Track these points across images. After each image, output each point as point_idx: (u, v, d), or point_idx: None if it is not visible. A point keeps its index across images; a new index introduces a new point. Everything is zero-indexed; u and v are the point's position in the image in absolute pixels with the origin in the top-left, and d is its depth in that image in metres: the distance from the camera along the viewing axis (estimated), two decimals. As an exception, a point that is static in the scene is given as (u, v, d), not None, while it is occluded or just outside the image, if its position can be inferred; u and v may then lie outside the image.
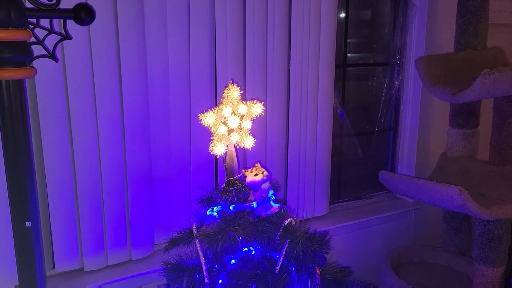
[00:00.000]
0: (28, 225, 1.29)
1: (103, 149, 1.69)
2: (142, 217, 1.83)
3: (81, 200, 1.70)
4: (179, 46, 1.76)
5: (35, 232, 1.31)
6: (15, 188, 1.26)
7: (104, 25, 1.59)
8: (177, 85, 1.80)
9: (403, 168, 2.65)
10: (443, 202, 1.90)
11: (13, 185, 1.26)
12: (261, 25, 1.90)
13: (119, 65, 1.65)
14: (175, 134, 1.84)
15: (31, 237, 1.30)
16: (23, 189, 1.27)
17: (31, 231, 1.30)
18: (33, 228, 1.30)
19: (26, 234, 1.30)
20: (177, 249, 1.51)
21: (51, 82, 1.56)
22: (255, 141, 1.50)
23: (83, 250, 1.76)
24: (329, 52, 2.11)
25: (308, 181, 2.21)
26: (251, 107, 1.50)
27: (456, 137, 2.24)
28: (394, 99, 2.56)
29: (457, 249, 2.34)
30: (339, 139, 2.50)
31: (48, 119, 1.59)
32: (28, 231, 1.29)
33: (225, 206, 1.42)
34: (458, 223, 2.30)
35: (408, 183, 2.06)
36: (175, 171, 1.88)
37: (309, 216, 2.28)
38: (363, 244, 2.49)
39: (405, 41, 2.48)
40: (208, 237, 1.32)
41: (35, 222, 1.31)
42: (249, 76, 1.93)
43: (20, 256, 1.31)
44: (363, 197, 2.62)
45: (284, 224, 1.40)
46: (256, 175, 1.40)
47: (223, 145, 1.44)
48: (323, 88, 2.14)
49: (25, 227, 1.29)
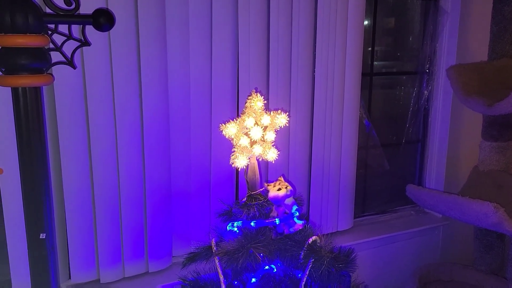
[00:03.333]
0: (43, 236, 1.27)
1: (121, 159, 1.66)
2: (160, 228, 1.80)
3: (99, 210, 1.68)
4: (200, 54, 1.73)
5: (50, 244, 1.30)
6: (30, 199, 1.25)
7: (124, 31, 1.56)
8: (198, 94, 1.77)
9: (431, 182, 2.57)
10: (476, 219, 1.82)
11: (28, 196, 1.25)
12: (285, 31, 1.85)
13: (139, 73, 1.63)
14: (195, 144, 1.80)
15: (46, 249, 1.29)
16: (38, 200, 1.26)
17: (45, 243, 1.29)
18: (47, 240, 1.29)
19: (41, 246, 1.28)
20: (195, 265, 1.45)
21: (70, 90, 1.54)
22: (278, 154, 1.43)
23: (100, 261, 1.73)
24: (356, 60, 2.06)
25: (332, 194, 2.16)
26: (275, 118, 1.44)
27: (490, 150, 2.15)
28: (423, 110, 2.50)
29: (489, 268, 2.24)
30: (365, 150, 2.44)
31: (66, 128, 1.57)
32: (42, 243, 1.28)
33: (246, 221, 1.36)
34: (490, 241, 2.21)
35: (438, 198, 1.98)
36: (194, 182, 1.84)
37: (332, 231, 2.22)
38: (389, 261, 2.41)
39: (435, 49, 2.42)
40: (228, 255, 1.25)
41: (50, 234, 1.29)
42: (272, 84, 1.89)
43: (34, 268, 1.29)
44: (388, 211, 2.56)
45: (308, 242, 1.32)
46: (279, 190, 1.33)
47: (245, 157, 1.38)
48: (349, 97, 2.09)
49: (39, 239, 1.27)
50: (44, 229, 1.26)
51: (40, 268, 1.28)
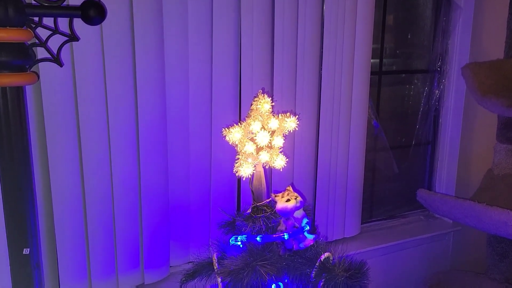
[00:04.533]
0: (26, 252, 1.19)
1: (115, 165, 1.58)
2: (157, 237, 1.72)
3: (91, 219, 1.59)
4: (200, 52, 1.65)
5: (34, 260, 1.23)
6: (12, 210, 1.17)
7: (118, 25, 1.46)
8: (198, 95, 1.69)
9: (441, 186, 2.49)
10: (494, 228, 1.74)
11: (9, 207, 1.17)
12: (291, 28, 1.77)
13: (134, 72, 1.54)
14: (195, 148, 1.72)
15: (30, 265, 1.22)
16: (21, 212, 1.18)
17: (29, 259, 1.21)
18: (32, 255, 1.21)
19: (24, 263, 1.20)
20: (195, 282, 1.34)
21: (59, 90, 1.44)
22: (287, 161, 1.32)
23: (92, 274, 1.64)
24: (364, 58, 1.99)
25: (338, 199, 2.08)
26: (283, 122, 1.32)
27: (505, 153, 2.07)
28: (434, 110, 2.41)
29: (503, 277, 2.16)
30: (373, 153, 2.36)
31: (55, 132, 1.47)
32: (26, 259, 1.20)
33: (251, 236, 1.25)
34: (505, 248, 2.12)
35: (452, 204, 1.89)
36: (193, 189, 1.76)
37: (338, 238, 2.15)
38: (398, 268, 2.34)
39: (447, 46, 2.33)
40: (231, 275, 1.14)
41: (34, 249, 1.21)
42: (277, 84, 1.81)
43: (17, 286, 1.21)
44: (397, 216, 2.48)
45: (320, 260, 1.21)
46: (288, 201, 1.22)
47: (251, 165, 1.27)
48: (357, 97, 2.01)
49: (23, 255, 1.19)
50: (28, 244, 1.18)
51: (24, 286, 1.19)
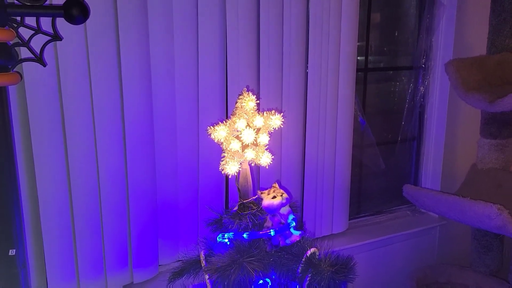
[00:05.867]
0: (12, 253, 1.19)
1: (101, 164, 1.56)
2: (145, 236, 1.71)
3: (77, 219, 1.58)
4: (186, 48, 1.64)
5: (21, 261, 1.21)
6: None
7: (102, 24, 1.45)
8: (184, 93, 1.68)
9: (427, 181, 2.51)
10: (477, 221, 1.76)
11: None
12: (276, 25, 1.77)
13: (119, 69, 1.53)
14: (182, 147, 1.71)
15: (16, 266, 1.21)
16: (6, 212, 1.18)
17: (15, 260, 1.20)
18: (17, 256, 1.20)
19: (10, 264, 1.19)
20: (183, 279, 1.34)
21: (43, 89, 1.43)
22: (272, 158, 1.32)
23: (80, 274, 1.63)
24: (350, 55, 1.99)
25: (326, 195, 2.09)
26: (268, 119, 1.33)
27: (489, 148, 2.10)
28: (419, 106, 2.43)
29: (487, 270, 2.20)
30: (360, 149, 2.37)
31: (40, 132, 1.45)
32: (12, 260, 1.19)
33: (238, 233, 1.25)
34: (489, 242, 2.16)
35: (437, 198, 1.92)
36: (181, 188, 1.75)
37: (326, 234, 2.15)
38: (385, 263, 2.36)
39: (431, 43, 2.34)
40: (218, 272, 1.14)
41: (20, 250, 1.19)
42: (263, 82, 1.80)
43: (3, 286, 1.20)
44: (384, 211, 2.49)
45: (306, 255, 1.22)
46: (274, 198, 1.23)
47: (236, 163, 1.27)
48: (343, 94, 2.01)
49: (9, 256, 1.18)
50: (14, 245, 1.17)
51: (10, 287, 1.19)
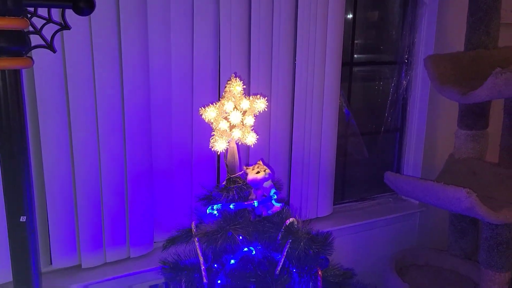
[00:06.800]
0: (23, 219, 1.27)
1: (102, 144, 1.66)
2: (142, 214, 1.80)
3: (80, 195, 1.68)
4: (182, 38, 1.73)
5: (30, 227, 1.30)
6: (10, 181, 1.25)
7: (105, 16, 1.55)
8: (180, 78, 1.76)
9: (409, 170, 2.61)
10: (450, 204, 1.86)
11: (8, 178, 1.25)
12: (266, 19, 1.86)
13: (120, 57, 1.62)
14: (177, 129, 1.81)
15: (26, 232, 1.29)
16: (18, 183, 1.25)
17: (26, 226, 1.28)
18: (28, 222, 1.28)
19: (21, 229, 1.28)
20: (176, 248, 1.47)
21: (50, 74, 1.54)
22: (257, 138, 1.45)
23: (81, 247, 1.73)
24: (336, 48, 2.07)
25: (311, 180, 2.18)
26: (254, 103, 1.46)
27: (465, 138, 2.20)
28: (402, 99, 2.52)
29: (463, 253, 2.30)
30: (344, 138, 2.46)
31: (47, 112, 1.56)
32: (23, 226, 1.28)
33: (225, 204, 1.38)
34: (464, 227, 2.26)
35: (414, 184, 2.02)
36: (176, 168, 1.85)
37: (312, 217, 2.25)
38: (367, 246, 2.45)
39: (413, 40, 2.44)
40: (207, 236, 1.28)
41: (30, 217, 1.29)
42: (254, 71, 1.89)
43: (14, 251, 1.29)
44: (367, 198, 2.59)
45: (286, 224, 1.35)
46: (258, 173, 1.36)
47: (224, 141, 1.40)
48: (329, 85, 2.10)
49: (20, 222, 1.27)
50: (24, 212, 1.26)
51: (20, 251, 1.28)
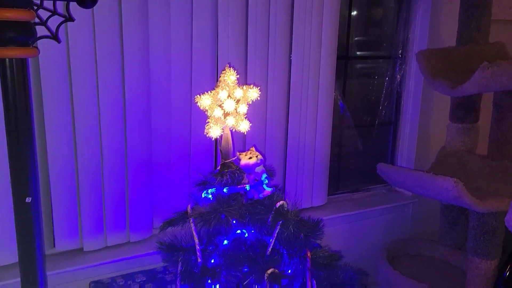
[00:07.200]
0: (28, 200, 1.32)
1: (104, 132, 1.72)
2: (141, 200, 1.85)
3: (82, 181, 1.74)
4: (181, 31, 1.78)
5: (35, 208, 1.34)
6: (16, 163, 1.29)
7: (107, 8, 1.61)
8: (179, 69, 1.82)
9: (402, 162, 2.65)
10: (438, 194, 1.90)
11: (14, 161, 1.29)
12: (263, 12, 1.90)
13: (121, 48, 1.68)
14: (176, 118, 1.86)
15: (31, 212, 1.33)
16: (24, 165, 1.29)
17: (31, 207, 1.33)
18: (33, 203, 1.33)
19: (26, 210, 1.32)
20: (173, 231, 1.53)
21: (54, 65, 1.59)
22: (251, 126, 1.52)
23: (83, 231, 1.79)
24: (331, 41, 2.11)
25: (306, 171, 2.22)
26: (247, 92, 1.52)
27: (456, 131, 2.24)
28: (396, 93, 2.56)
29: (453, 243, 2.35)
30: (339, 130, 2.50)
31: (51, 100, 1.62)
32: (28, 207, 1.32)
33: (219, 188, 1.45)
34: (455, 217, 2.31)
35: (405, 175, 2.06)
36: (175, 155, 1.90)
37: (307, 206, 2.29)
38: (360, 236, 2.50)
39: (408, 35, 2.48)
40: (201, 217, 1.35)
41: (35, 198, 1.34)
42: (250, 63, 1.94)
43: (20, 231, 1.34)
44: (361, 189, 2.63)
45: (276, 206, 1.42)
46: (250, 158, 1.42)
47: (219, 128, 1.46)
48: (324, 78, 2.14)
49: (25, 203, 1.32)
50: (30, 193, 1.31)
51: (25, 231, 1.33)
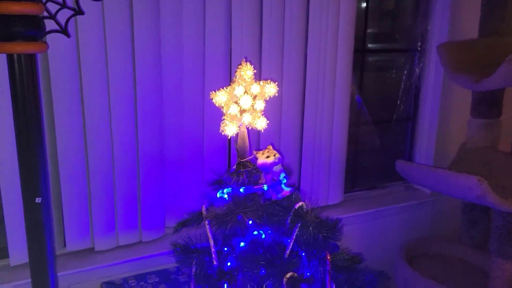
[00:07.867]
0: (39, 201, 1.29)
1: (115, 129, 1.68)
2: (153, 199, 1.83)
3: (93, 180, 1.71)
4: (193, 23, 1.74)
5: (46, 208, 1.32)
6: (26, 163, 1.27)
7: (118, 1, 1.57)
8: (191, 64, 1.78)
9: (421, 159, 2.60)
10: (461, 192, 1.85)
11: (23, 160, 1.27)
12: (278, 4, 1.86)
13: (132, 42, 1.64)
14: (188, 114, 1.82)
15: (41, 213, 1.31)
16: (34, 165, 1.27)
17: (41, 207, 1.31)
18: (43, 204, 1.31)
19: (37, 210, 1.30)
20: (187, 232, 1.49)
21: (64, 59, 1.56)
22: (268, 123, 1.46)
23: (94, 230, 1.77)
24: (348, 34, 2.07)
25: (322, 168, 2.19)
26: (264, 87, 1.46)
27: (478, 127, 2.19)
28: (414, 87, 2.52)
29: (474, 242, 2.30)
30: (356, 126, 2.46)
31: (61, 97, 1.59)
32: (38, 207, 1.30)
33: (235, 188, 1.40)
34: (476, 216, 2.26)
35: (426, 172, 2.01)
36: (187, 153, 1.86)
37: (322, 204, 2.26)
38: (378, 235, 2.46)
39: (427, 27, 2.42)
40: (217, 218, 1.30)
41: (46, 198, 1.31)
42: (265, 56, 1.90)
43: (30, 232, 1.32)
44: (378, 187, 2.59)
45: (295, 207, 1.37)
46: (267, 157, 1.37)
47: (235, 125, 1.41)
48: (341, 72, 2.10)
49: (35, 203, 1.29)
50: (40, 193, 1.29)
51: (36, 231, 1.30)
